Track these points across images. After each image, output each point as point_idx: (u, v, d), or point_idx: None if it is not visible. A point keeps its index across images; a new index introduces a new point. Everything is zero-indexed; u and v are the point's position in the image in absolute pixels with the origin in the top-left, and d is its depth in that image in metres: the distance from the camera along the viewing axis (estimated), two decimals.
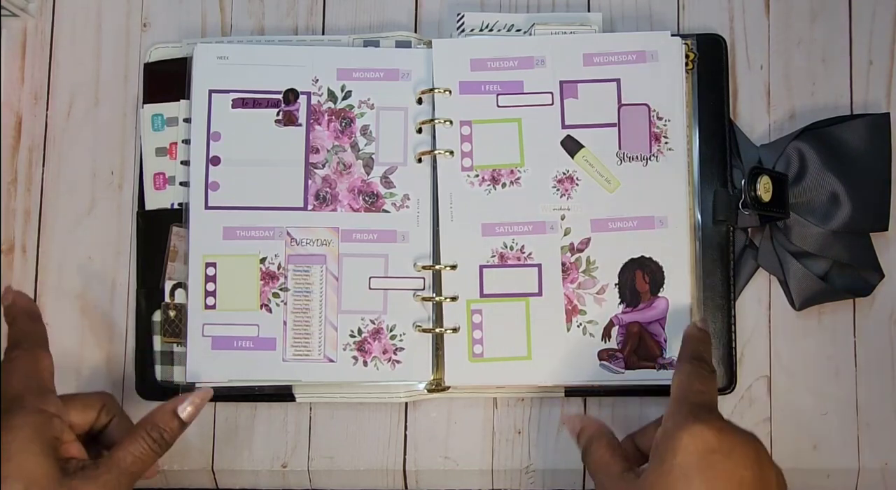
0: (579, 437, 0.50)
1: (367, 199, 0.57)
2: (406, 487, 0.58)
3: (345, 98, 0.58)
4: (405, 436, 0.58)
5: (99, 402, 0.50)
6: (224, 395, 0.57)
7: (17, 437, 0.44)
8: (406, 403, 0.58)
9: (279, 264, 0.56)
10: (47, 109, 0.60)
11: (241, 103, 0.57)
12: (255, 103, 0.57)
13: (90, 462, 0.46)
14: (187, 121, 0.58)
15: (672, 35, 0.57)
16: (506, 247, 0.56)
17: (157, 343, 0.57)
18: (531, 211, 0.56)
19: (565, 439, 0.57)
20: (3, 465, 0.43)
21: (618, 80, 0.57)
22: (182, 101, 0.58)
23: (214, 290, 0.56)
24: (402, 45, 0.59)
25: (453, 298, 0.56)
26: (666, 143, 0.56)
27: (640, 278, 0.56)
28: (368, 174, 0.57)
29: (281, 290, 0.56)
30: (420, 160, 0.57)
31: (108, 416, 0.50)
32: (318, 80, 0.57)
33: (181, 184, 0.58)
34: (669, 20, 0.60)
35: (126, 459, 0.46)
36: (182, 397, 0.50)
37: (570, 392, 0.57)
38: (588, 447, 0.49)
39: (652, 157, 0.56)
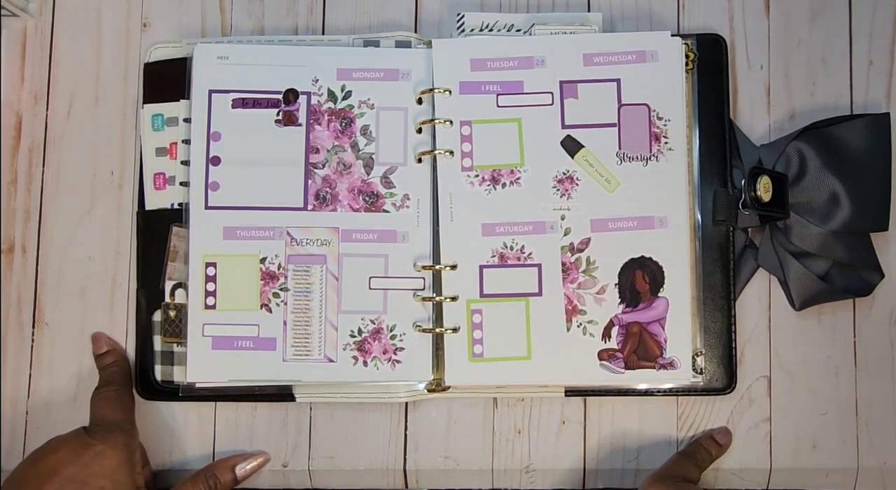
0: None
1: (367, 199, 0.57)
2: (406, 487, 0.58)
3: (345, 98, 0.58)
4: (405, 436, 0.58)
5: (141, 447, 0.57)
6: (224, 395, 0.57)
7: (116, 455, 0.51)
8: (406, 403, 0.58)
9: (279, 264, 0.56)
10: (47, 109, 0.60)
11: (241, 103, 0.57)
12: (255, 103, 0.57)
13: None
14: (187, 121, 0.58)
15: (672, 35, 0.57)
16: (506, 247, 0.56)
17: (158, 343, 0.57)
18: (531, 211, 0.56)
19: (565, 439, 0.57)
20: (100, 476, 0.50)
21: (618, 80, 0.57)
22: (182, 101, 0.58)
23: (214, 290, 0.56)
24: (402, 45, 0.59)
25: (453, 298, 0.56)
26: (666, 143, 0.56)
27: (640, 278, 0.56)
28: (368, 174, 0.57)
29: (281, 290, 0.56)
30: (420, 160, 0.57)
31: (143, 461, 0.57)
32: (318, 80, 0.57)
33: (181, 184, 0.58)
34: (669, 20, 0.60)
35: None
36: (244, 456, 0.56)
37: (570, 392, 0.57)
38: None
39: (652, 157, 0.56)
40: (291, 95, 0.57)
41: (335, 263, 0.56)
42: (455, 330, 0.55)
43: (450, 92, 0.57)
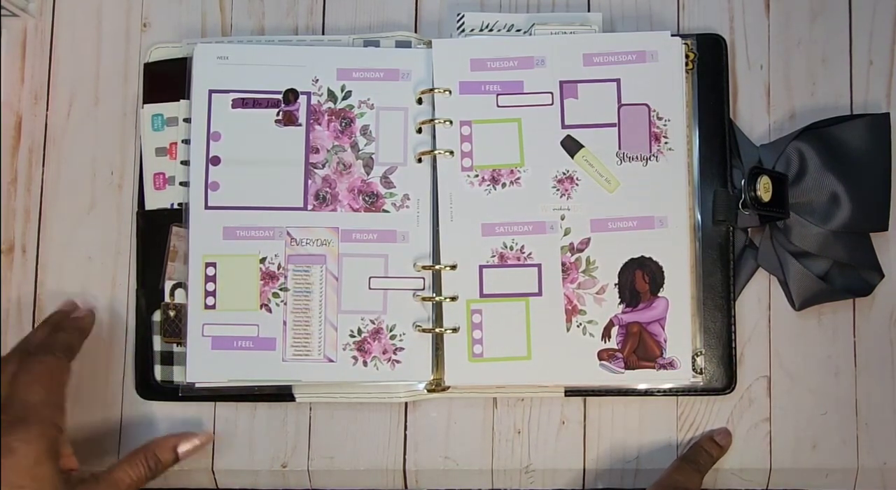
0: None
1: (367, 199, 0.57)
2: (406, 487, 0.58)
3: (345, 98, 0.58)
4: (405, 436, 0.58)
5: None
6: (224, 395, 0.57)
7: (34, 450, 0.46)
8: (406, 403, 0.58)
9: (279, 264, 0.56)
10: (47, 109, 0.60)
11: (241, 103, 0.57)
12: (255, 103, 0.57)
13: (89, 476, 0.49)
14: (187, 121, 0.58)
15: (672, 35, 0.57)
16: (506, 247, 0.56)
17: (157, 343, 0.57)
18: (531, 211, 0.56)
19: (565, 439, 0.57)
20: (17, 474, 0.45)
21: (618, 80, 0.57)
22: (182, 101, 0.58)
23: (214, 290, 0.56)
24: (402, 45, 0.59)
25: (453, 298, 0.56)
26: (666, 143, 0.56)
27: (640, 278, 0.56)
28: (368, 174, 0.57)
29: (281, 290, 0.56)
30: (420, 160, 0.57)
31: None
32: (318, 80, 0.57)
33: (181, 184, 0.58)
34: (669, 20, 0.60)
35: (123, 480, 0.50)
36: (185, 436, 0.54)
37: (570, 392, 0.57)
38: None
39: (652, 157, 0.56)
40: (291, 95, 0.57)
41: (335, 263, 0.56)
42: (455, 330, 0.55)
43: (450, 92, 0.57)
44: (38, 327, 0.55)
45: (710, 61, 0.58)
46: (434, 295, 0.56)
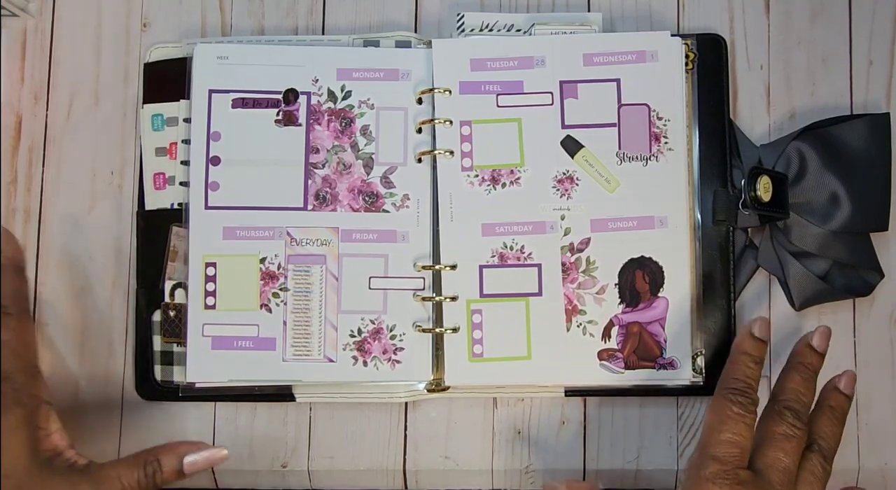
0: None
1: (367, 199, 0.57)
2: (406, 487, 0.58)
3: (345, 98, 0.58)
4: (405, 436, 0.58)
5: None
6: (224, 395, 0.57)
7: (6, 421, 0.40)
8: (406, 403, 0.58)
9: (279, 264, 0.56)
10: (47, 109, 0.60)
11: (241, 103, 0.57)
12: (255, 103, 0.57)
13: (79, 466, 0.43)
14: (187, 121, 0.58)
15: (672, 35, 0.57)
16: (506, 247, 0.56)
17: (157, 343, 0.57)
18: (531, 211, 0.56)
19: (565, 439, 0.57)
20: None
21: (618, 80, 0.57)
22: (182, 101, 0.58)
23: (214, 290, 0.56)
24: (402, 45, 0.59)
25: (453, 298, 0.56)
26: (666, 143, 0.56)
27: (640, 278, 0.56)
28: (368, 174, 0.57)
29: (281, 290, 0.56)
30: (420, 160, 0.57)
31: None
32: (317, 80, 0.58)
33: (181, 184, 0.58)
34: (669, 20, 0.60)
35: (114, 482, 0.43)
36: (197, 445, 0.47)
37: (570, 392, 0.57)
38: None
39: (652, 157, 0.56)
40: (291, 95, 0.57)
41: (335, 263, 0.56)
42: (455, 330, 0.55)
43: (450, 92, 0.57)
44: None
45: (710, 61, 0.58)
46: (434, 295, 0.56)
